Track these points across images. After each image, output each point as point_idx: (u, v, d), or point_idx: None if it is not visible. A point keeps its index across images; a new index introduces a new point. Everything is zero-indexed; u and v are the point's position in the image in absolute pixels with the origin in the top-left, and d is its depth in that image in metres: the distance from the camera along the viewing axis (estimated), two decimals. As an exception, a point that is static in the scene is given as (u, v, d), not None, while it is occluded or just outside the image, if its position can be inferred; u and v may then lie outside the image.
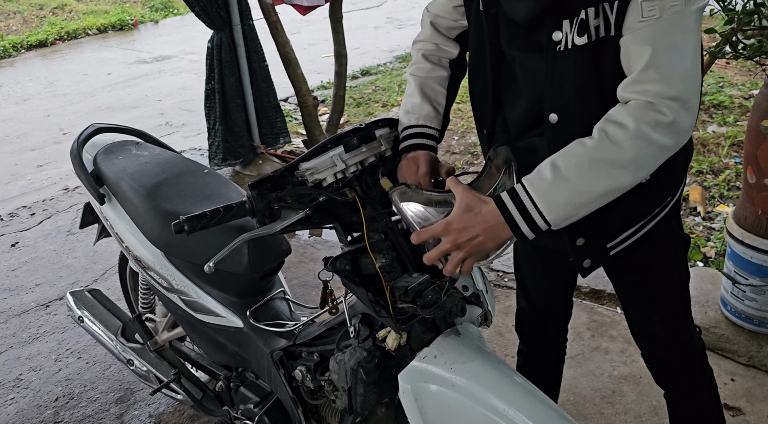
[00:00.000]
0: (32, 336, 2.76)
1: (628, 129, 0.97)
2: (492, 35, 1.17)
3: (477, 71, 1.29)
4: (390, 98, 5.74)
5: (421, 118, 1.33)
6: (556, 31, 1.05)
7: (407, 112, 1.34)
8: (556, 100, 1.10)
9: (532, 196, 1.01)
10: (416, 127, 1.32)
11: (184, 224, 1.11)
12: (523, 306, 1.65)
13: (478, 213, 1.03)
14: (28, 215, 4.02)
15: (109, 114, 6.13)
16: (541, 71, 1.10)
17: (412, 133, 1.32)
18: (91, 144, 1.99)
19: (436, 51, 1.37)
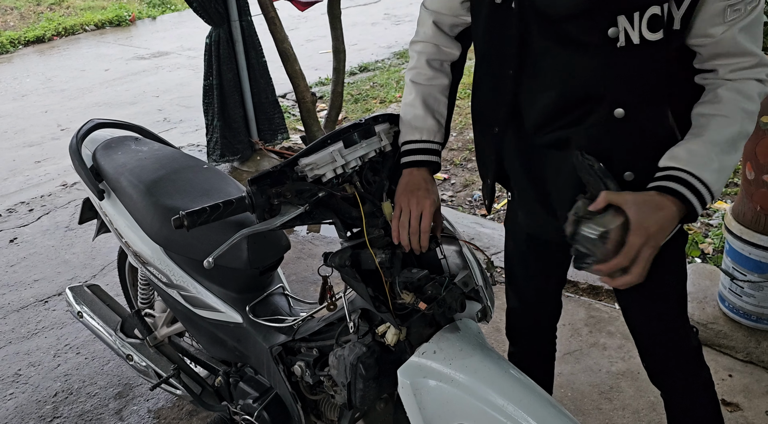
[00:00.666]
0: (31, 332, 2.75)
1: (755, 105, 1.05)
2: (514, 29, 1.13)
3: (488, 68, 1.25)
4: (388, 95, 5.74)
5: (424, 132, 1.29)
6: (611, 27, 1.03)
7: (409, 125, 1.30)
8: (623, 96, 1.09)
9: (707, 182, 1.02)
10: (419, 142, 1.29)
11: (184, 220, 1.11)
12: (515, 307, 1.63)
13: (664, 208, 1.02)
14: (26, 210, 4.02)
15: (107, 110, 6.12)
16: (583, 65, 1.09)
17: (415, 149, 1.29)
18: (90, 139, 1.99)
19: (437, 54, 1.32)
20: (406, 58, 7.08)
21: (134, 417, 2.22)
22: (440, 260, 1.33)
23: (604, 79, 1.08)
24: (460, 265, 1.32)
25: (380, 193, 1.30)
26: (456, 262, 1.33)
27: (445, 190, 3.99)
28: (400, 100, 5.28)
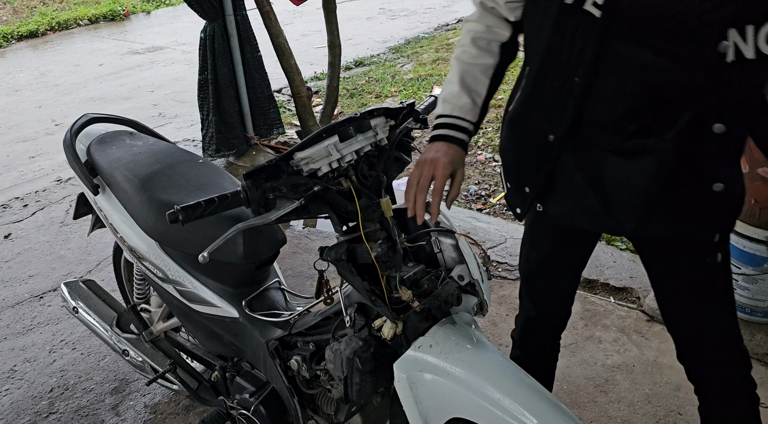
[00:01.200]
0: (26, 327, 2.75)
1: None
2: (594, 35, 1.05)
3: (547, 72, 1.17)
4: (383, 89, 5.73)
5: (456, 108, 1.27)
6: (721, 41, 0.96)
7: (444, 100, 1.29)
8: (726, 112, 1.04)
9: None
10: (450, 117, 1.27)
11: (179, 214, 1.11)
12: (532, 317, 1.60)
13: None
14: (20, 206, 4.00)
15: (102, 105, 6.09)
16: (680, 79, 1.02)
17: (444, 123, 1.28)
18: (84, 134, 1.98)
19: (485, 33, 1.27)
20: (402, 53, 7.06)
21: (130, 412, 2.21)
22: (436, 254, 1.34)
23: (706, 94, 1.02)
24: (456, 259, 1.32)
25: (377, 188, 1.30)
26: (452, 256, 1.33)
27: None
28: (395, 95, 5.25)
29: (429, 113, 1.45)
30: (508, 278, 2.80)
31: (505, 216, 3.51)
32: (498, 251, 2.97)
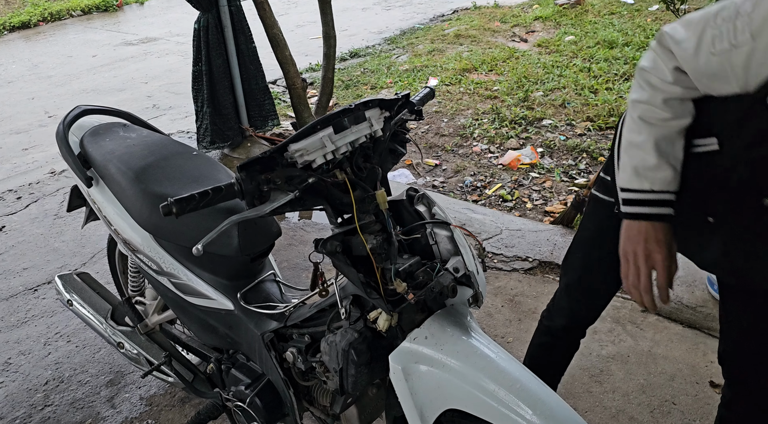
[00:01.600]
0: (20, 320, 2.74)
1: None
2: None
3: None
4: (379, 80, 5.71)
5: (657, 182, 1.12)
6: None
7: (634, 171, 1.14)
8: None
9: None
10: (648, 193, 1.13)
11: (173, 206, 1.10)
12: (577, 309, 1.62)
13: None
14: (14, 198, 3.98)
15: (95, 97, 6.05)
16: None
17: (642, 200, 1.14)
18: (78, 126, 1.97)
19: (680, 93, 1.08)
20: (397, 44, 7.03)
21: (126, 405, 2.21)
22: (431, 246, 1.33)
23: None
24: (452, 250, 1.31)
25: (372, 180, 1.29)
26: (447, 247, 1.33)
27: (436, 176, 3.98)
28: (391, 86, 5.23)
29: (424, 104, 1.45)
30: (503, 269, 2.80)
31: (500, 207, 3.52)
32: (493, 242, 2.97)
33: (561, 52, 5.98)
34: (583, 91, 4.93)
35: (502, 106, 4.85)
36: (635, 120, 1.13)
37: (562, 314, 1.66)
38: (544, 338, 1.75)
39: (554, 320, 1.69)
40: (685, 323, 2.39)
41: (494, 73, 5.69)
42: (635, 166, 1.14)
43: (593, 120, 4.46)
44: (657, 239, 1.14)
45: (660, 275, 1.15)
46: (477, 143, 4.38)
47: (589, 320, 1.65)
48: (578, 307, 1.62)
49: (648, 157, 1.11)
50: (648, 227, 1.14)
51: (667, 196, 1.13)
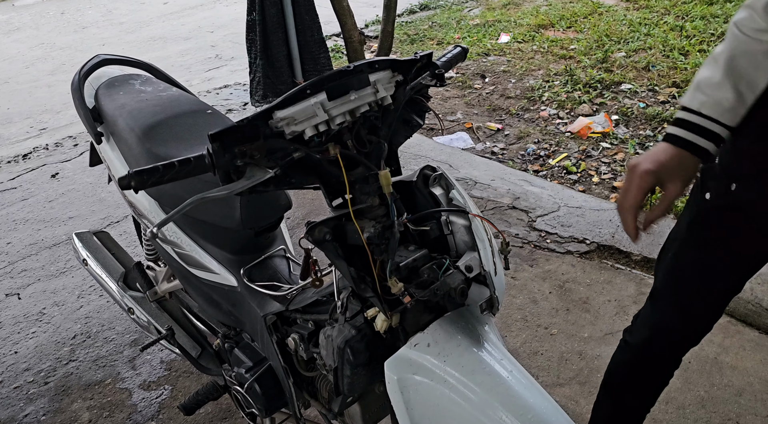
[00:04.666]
0: (59, 270, 2.75)
1: None
2: None
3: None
4: (446, 35, 5.37)
5: (707, 104, 0.92)
6: None
7: (696, 85, 0.94)
8: None
9: None
10: (696, 114, 0.94)
11: (132, 179, 0.94)
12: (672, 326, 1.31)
13: None
14: (71, 145, 4.02)
15: (162, 44, 6.06)
16: None
17: (686, 121, 0.95)
18: (96, 77, 1.86)
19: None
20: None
21: (146, 367, 2.17)
22: (446, 236, 1.12)
23: None
24: (469, 243, 1.10)
25: (377, 157, 1.09)
26: (464, 239, 1.12)
27: (497, 141, 3.70)
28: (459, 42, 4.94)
29: (451, 67, 1.21)
30: (556, 251, 2.54)
31: (562, 180, 3.21)
32: (549, 220, 2.71)
33: (651, 8, 5.41)
34: (672, 52, 4.43)
35: (577, 67, 4.44)
36: (730, 27, 0.91)
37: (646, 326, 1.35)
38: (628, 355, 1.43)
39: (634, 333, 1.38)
40: (762, 329, 2.08)
41: (573, 30, 5.22)
42: (699, 80, 0.94)
43: (680, 86, 4.00)
44: (657, 161, 0.94)
45: (630, 195, 0.95)
46: (545, 108, 4.03)
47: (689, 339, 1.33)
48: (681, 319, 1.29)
49: (714, 72, 0.91)
50: (670, 150, 0.94)
51: (715, 127, 0.92)
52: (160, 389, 2.06)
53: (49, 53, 6.33)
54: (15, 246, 2.96)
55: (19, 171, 3.75)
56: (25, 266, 2.80)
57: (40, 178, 3.61)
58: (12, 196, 3.46)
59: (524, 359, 2.03)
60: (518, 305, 2.27)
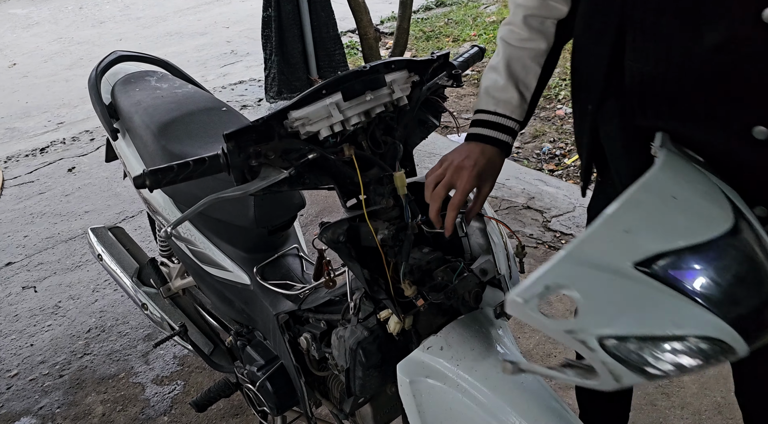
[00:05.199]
0: (75, 264, 2.77)
1: None
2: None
3: (590, 34, 0.99)
4: (462, 32, 5.34)
5: (500, 104, 1.07)
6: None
7: (486, 92, 1.09)
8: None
9: None
10: (491, 114, 1.07)
11: (147, 179, 0.95)
12: None
13: None
14: (88, 139, 4.06)
15: (178, 40, 6.09)
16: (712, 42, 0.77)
17: (484, 121, 1.07)
18: (112, 73, 1.86)
19: (540, 9, 1.05)
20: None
21: (159, 362, 2.18)
22: (461, 239, 1.11)
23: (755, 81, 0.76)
24: (484, 246, 1.09)
25: (392, 158, 1.08)
26: (479, 241, 1.11)
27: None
28: (474, 39, 4.88)
29: (468, 68, 1.20)
30: (571, 251, 2.52)
31: (578, 179, 3.18)
32: (563, 221, 2.68)
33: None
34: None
35: (594, 65, 4.39)
36: (498, 42, 1.10)
37: None
38: None
39: None
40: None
41: (591, 27, 5.17)
42: (486, 87, 1.09)
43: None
44: (477, 164, 1.01)
45: (457, 196, 0.99)
46: (561, 106, 3.99)
47: None
48: None
49: (498, 78, 1.07)
50: (479, 148, 1.03)
51: (509, 123, 1.06)
52: (172, 385, 2.07)
53: (67, 48, 6.38)
54: (32, 239, 2.99)
55: (37, 165, 3.78)
56: (41, 260, 2.83)
57: (57, 172, 3.65)
58: (29, 189, 3.49)
59: (537, 361, 2.02)
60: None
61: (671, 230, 0.65)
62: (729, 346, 0.63)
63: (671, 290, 0.63)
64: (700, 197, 0.69)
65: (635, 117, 0.94)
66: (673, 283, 0.63)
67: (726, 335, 0.62)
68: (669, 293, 0.63)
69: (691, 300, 0.63)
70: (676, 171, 0.73)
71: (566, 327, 0.63)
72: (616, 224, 0.65)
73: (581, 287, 0.62)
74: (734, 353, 0.63)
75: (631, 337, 0.62)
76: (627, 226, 0.65)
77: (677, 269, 0.63)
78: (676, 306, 0.63)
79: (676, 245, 0.64)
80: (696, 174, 0.75)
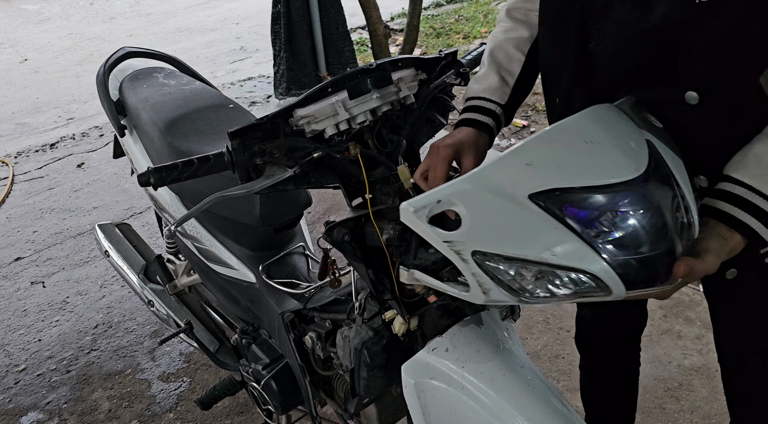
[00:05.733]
0: (83, 260, 2.78)
1: None
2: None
3: (554, 27, 1.00)
4: (473, 29, 5.31)
5: (480, 90, 1.09)
6: None
7: (473, 80, 1.13)
8: (698, 74, 0.81)
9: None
10: (474, 99, 1.09)
11: (151, 176, 0.94)
12: (584, 315, 1.37)
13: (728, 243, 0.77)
14: (97, 135, 4.07)
15: (188, 36, 6.09)
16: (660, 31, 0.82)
17: (469, 106, 1.10)
18: (120, 69, 1.86)
19: (522, 2, 1.08)
20: (499, -10, 6.53)
21: (165, 359, 2.18)
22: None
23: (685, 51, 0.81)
24: (490, 248, 1.08)
25: (397, 155, 1.07)
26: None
27: (523, 138, 3.64)
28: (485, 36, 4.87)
29: (476, 66, 1.18)
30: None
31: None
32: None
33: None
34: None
35: (605, 63, 4.35)
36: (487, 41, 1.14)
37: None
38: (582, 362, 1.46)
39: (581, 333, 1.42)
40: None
41: (602, 25, 5.12)
42: (474, 77, 1.12)
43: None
44: (453, 136, 1.01)
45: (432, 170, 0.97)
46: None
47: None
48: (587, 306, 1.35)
49: (482, 67, 1.11)
50: (469, 131, 1.04)
51: (490, 105, 1.08)
52: (178, 381, 2.07)
53: (78, 43, 6.41)
54: (41, 235, 3.01)
55: (47, 160, 3.80)
56: (50, 255, 2.84)
57: (67, 168, 3.66)
58: (39, 185, 3.51)
59: (545, 362, 2.00)
60: (540, 306, 2.24)
61: (573, 170, 0.67)
62: (605, 285, 0.65)
63: (558, 223, 0.66)
64: (613, 146, 0.71)
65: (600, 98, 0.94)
66: (562, 217, 0.66)
67: (603, 274, 0.65)
68: (555, 225, 0.66)
69: (576, 235, 0.65)
70: (599, 120, 0.75)
71: (446, 238, 0.68)
72: (521, 156, 0.68)
73: (471, 207, 0.67)
74: (610, 292, 0.66)
75: (505, 256, 0.66)
76: (530, 159, 0.68)
77: (570, 206, 0.66)
78: (557, 238, 0.65)
79: (573, 184, 0.66)
80: (623, 126, 0.76)
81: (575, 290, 0.67)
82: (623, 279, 0.66)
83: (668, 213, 0.68)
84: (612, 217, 0.66)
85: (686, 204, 0.72)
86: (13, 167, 3.73)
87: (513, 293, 0.70)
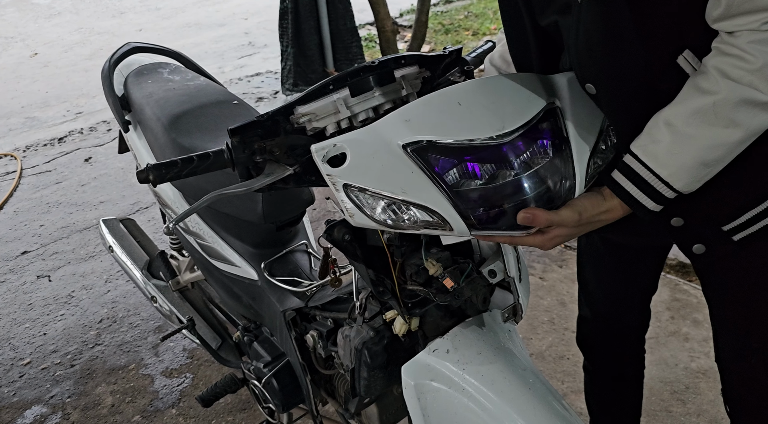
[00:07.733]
0: (89, 254, 2.79)
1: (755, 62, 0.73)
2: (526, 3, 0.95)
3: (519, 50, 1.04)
4: (482, 26, 5.28)
5: None
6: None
7: None
8: (589, 67, 0.86)
9: (650, 165, 0.81)
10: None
11: (150, 173, 0.93)
12: (585, 316, 1.36)
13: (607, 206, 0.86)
14: (105, 130, 4.08)
15: (196, 31, 6.09)
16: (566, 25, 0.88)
17: None
18: (126, 64, 1.86)
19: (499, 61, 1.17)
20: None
21: (169, 354, 2.18)
22: (470, 239, 1.08)
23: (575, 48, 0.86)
24: (493, 247, 1.06)
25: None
26: (488, 243, 1.08)
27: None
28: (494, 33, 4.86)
29: (481, 64, 1.17)
30: (587, 251, 2.47)
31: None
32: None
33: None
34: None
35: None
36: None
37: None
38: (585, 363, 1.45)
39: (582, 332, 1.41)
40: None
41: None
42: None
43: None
44: None
45: None
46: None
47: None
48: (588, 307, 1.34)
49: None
50: None
51: None
52: (181, 377, 2.08)
53: (87, 38, 6.43)
54: (47, 228, 3.02)
55: (54, 154, 3.82)
56: (56, 249, 2.85)
57: (74, 162, 3.67)
58: (47, 178, 3.52)
59: (549, 363, 1.98)
60: (545, 306, 2.22)
61: (443, 127, 0.81)
62: (445, 220, 0.80)
63: (419, 170, 0.80)
64: (485, 108, 0.83)
65: None
66: (424, 165, 0.80)
67: (443, 211, 0.80)
68: (416, 171, 0.80)
69: (428, 178, 0.79)
70: (485, 87, 0.86)
71: (328, 172, 0.82)
72: (404, 114, 0.83)
73: (355, 151, 0.82)
74: (451, 228, 0.81)
75: (368, 190, 0.80)
76: (409, 117, 0.82)
77: (433, 155, 0.80)
78: (415, 181, 0.80)
79: (439, 138, 0.80)
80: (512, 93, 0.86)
81: (418, 220, 0.81)
82: (464, 219, 0.80)
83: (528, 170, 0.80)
84: (465, 168, 0.80)
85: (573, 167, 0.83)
86: (21, 161, 3.75)
87: (373, 220, 0.83)
